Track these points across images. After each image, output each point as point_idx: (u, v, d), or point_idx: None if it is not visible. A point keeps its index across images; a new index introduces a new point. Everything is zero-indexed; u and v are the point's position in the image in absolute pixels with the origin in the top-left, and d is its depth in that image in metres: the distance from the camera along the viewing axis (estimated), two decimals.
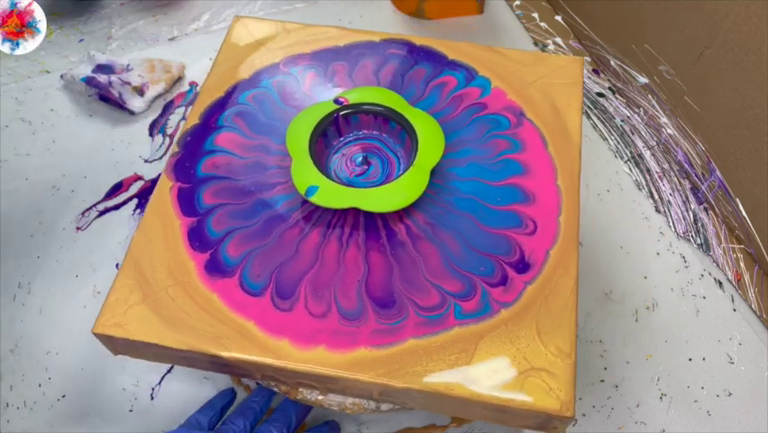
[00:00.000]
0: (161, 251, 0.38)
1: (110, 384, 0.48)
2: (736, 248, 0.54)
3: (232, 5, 0.73)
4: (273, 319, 0.36)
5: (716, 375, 0.48)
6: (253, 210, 0.40)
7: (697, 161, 0.57)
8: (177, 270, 0.37)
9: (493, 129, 0.43)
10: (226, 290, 0.37)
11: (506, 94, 0.45)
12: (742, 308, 0.51)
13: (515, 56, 0.47)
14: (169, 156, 0.43)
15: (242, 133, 0.44)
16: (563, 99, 0.44)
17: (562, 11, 0.70)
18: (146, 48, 0.69)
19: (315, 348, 0.35)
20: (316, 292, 0.36)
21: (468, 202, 0.40)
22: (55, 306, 0.51)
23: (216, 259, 0.38)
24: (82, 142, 0.61)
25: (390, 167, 0.42)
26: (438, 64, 0.47)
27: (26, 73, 0.67)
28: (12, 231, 0.55)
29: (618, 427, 0.46)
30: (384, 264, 0.37)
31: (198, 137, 0.43)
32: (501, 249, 0.38)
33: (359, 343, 0.35)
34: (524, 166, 0.41)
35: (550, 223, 0.39)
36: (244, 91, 0.46)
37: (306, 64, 0.47)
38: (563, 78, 0.46)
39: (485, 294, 0.36)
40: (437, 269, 0.37)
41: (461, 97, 0.45)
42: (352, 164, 0.42)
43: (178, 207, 0.40)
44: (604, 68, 0.65)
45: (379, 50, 0.48)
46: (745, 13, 0.47)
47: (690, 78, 0.55)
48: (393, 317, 0.36)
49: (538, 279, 0.37)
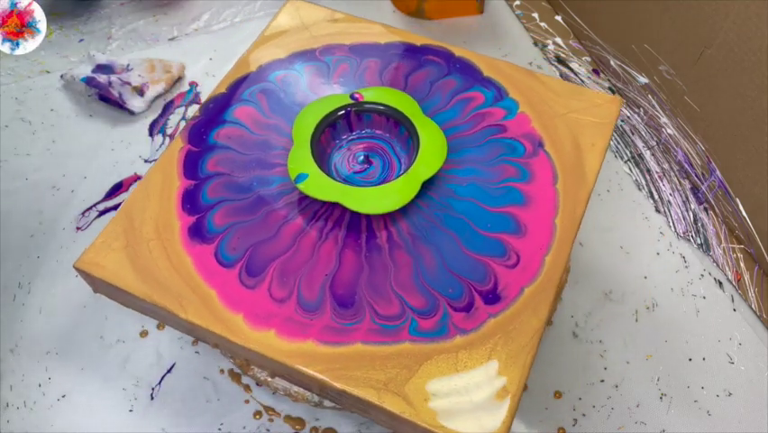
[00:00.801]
0: (154, 206, 0.40)
1: (110, 384, 0.48)
2: (736, 248, 0.54)
3: (232, 5, 0.73)
4: (235, 293, 0.37)
5: (716, 375, 0.48)
6: (249, 186, 0.41)
7: (697, 161, 0.57)
8: (163, 227, 0.39)
9: (506, 154, 0.42)
10: (201, 256, 0.38)
11: (530, 120, 0.44)
12: (742, 308, 0.51)
13: (552, 84, 0.46)
14: (189, 119, 0.44)
15: (261, 109, 0.45)
16: (589, 138, 0.43)
17: (562, 11, 0.70)
18: (146, 48, 0.69)
19: (266, 331, 0.36)
20: (282, 277, 0.37)
21: (457, 221, 0.39)
22: (55, 306, 0.51)
23: (201, 225, 0.39)
24: (82, 142, 0.61)
25: (390, 170, 0.42)
26: (470, 78, 0.46)
27: (26, 73, 0.67)
28: (12, 231, 0.55)
29: (618, 427, 0.46)
30: (355, 264, 0.38)
31: (220, 106, 0.45)
32: (476, 275, 0.37)
33: (309, 335, 0.35)
34: (525, 197, 0.40)
35: (535, 260, 0.38)
36: (276, 71, 0.47)
37: (341, 55, 0.47)
38: (595, 117, 0.44)
39: (446, 316, 0.36)
40: (405, 281, 0.37)
41: (483, 116, 0.44)
42: (353, 161, 0.42)
43: (182, 168, 0.42)
44: (604, 68, 0.65)
45: (416, 54, 0.47)
46: (745, 13, 0.47)
47: (690, 78, 0.55)
48: (349, 317, 0.36)
49: (504, 313, 0.36)
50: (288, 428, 0.46)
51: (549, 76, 0.46)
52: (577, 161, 0.42)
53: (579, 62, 0.67)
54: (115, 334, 0.50)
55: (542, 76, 0.46)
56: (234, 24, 0.71)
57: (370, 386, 0.33)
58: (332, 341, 0.35)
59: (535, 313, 0.36)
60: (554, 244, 0.38)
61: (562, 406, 0.47)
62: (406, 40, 0.48)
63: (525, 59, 0.67)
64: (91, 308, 0.51)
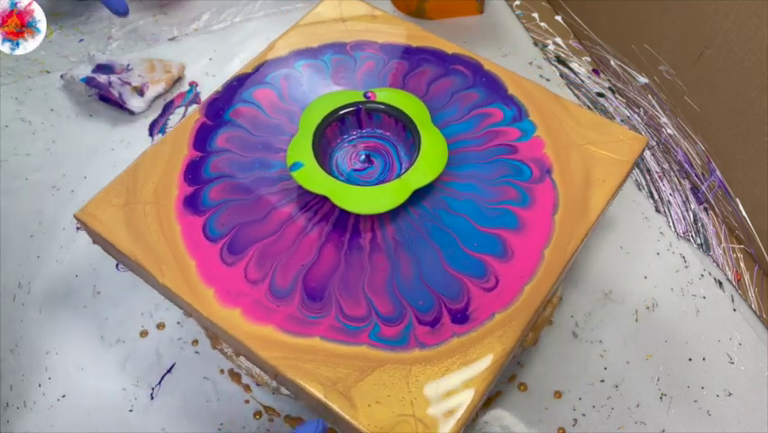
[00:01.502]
0: (159, 171, 0.42)
1: (110, 384, 0.48)
2: (736, 248, 0.54)
3: (232, 5, 0.73)
4: (213, 268, 0.38)
5: (716, 375, 0.48)
6: (251, 166, 0.42)
7: (697, 161, 0.57)
8: (162, 192, 0.41)
9: (510, 175, 0.41)
10: (190, 227, 0.39)
11: (544, 146, 0.43)
12: (742, 308, 0.51)
13: (576, 112, 0.44)
14: (212, 92, 0.46)
15: (279, 94, 0.45)
16: (601, 173, 0.41)
17: (562, 11, 0.70)
18: (146, 48, 0.69)
19: (233, 309, 0.36)
20: (261, 260, 0.38)
21: (444, 235, 0.39)
22: (55, 306, 0.51)
23: (197, 196, 0.41)
24: (82, 142, 0.61)
25: (390, 173, 0.42)
26: (493, 94, 0.45)
27: (26, 73, 0.67)
28: (12, 231, 0.55)
29: (618, 427, 0.46)
30: (333, 260, 0.38)
31: (242, 85, 0.46)
32: (450, 292, 0.37)
33: (272, 321, 0.36)
34: (520, 222, 0.39)
35: (513, 287, 0.37)
36: (303, 59, 0.47)
37: (370, 53, 0.47)
38: (614, 152, 0.42)
39: (409, 327, 0.35)
40: (378, 285, 0.37)
41: (496, 133, 0.43)
42: (356, 158, 0.42)
43: (193, 139, 0.43)
44: (604, 68, 0.65)
45: (445, 62, 0.47)
46: (745, 13, 0.47)
47: (690, 78, 0.55)
48: (315, 310, 0.36)
49: (469, 335, 0.35)
50: (288, 428, 0.46)
51: (577, 105, 0.45)
52: (583, 195, 0.40)
53: (579, 62, 0.67)
54: (115, 334, 0.50)
55: (568, 102, 0.45)
56: (234, 24, 0.71)
57: (318, 382, 0.34)
58: (292, 330, 0.36)
59: (501, 340, 0.35)
60: (538, 275, 0.37)
61: (562, 406, 0.47)
62: (438, 46, 0.48)
63: (525, 59, 0.67)
64: (91, 309, 0.51)
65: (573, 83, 0.65)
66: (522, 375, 0.48)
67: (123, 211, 0.40)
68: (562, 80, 0.66)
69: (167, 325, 0.50)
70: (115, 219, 0.40)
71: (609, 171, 0.41)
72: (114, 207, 0.40)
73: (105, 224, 0.40)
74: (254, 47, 0.68)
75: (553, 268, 0.37)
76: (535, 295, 0.37)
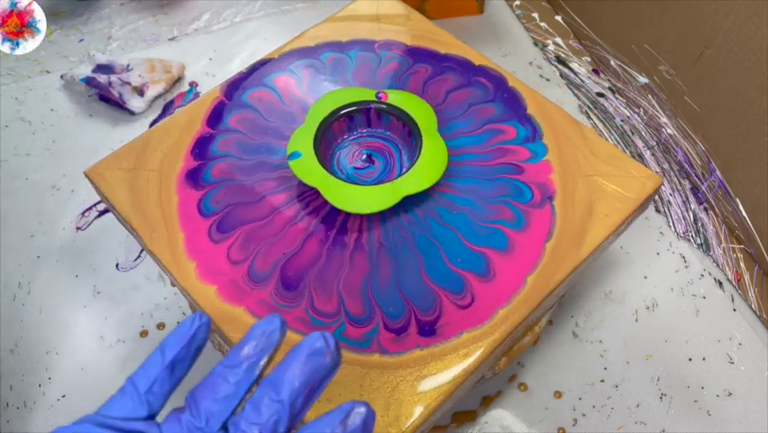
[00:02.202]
0: (169, 142, 0.43)
1: (110, 384, 0.47)
2: (736, 248, 0.54)
3: (232, 5, 0.73)
4: (199, 243, 0.38)
5: (716, 375, 0.48)
6: (256, 149, 0.43)
7: (697, 161, 0.57)
8: (168, 163, 0.42)
9: (510, 196, 0.40)
10: (187, 200, 0.40)
11: (551, 171, 0.41)
12: (742, 308, 0.51)
13: (594, 141, 0.43)
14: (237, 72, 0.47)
15: (299, 83, 0.46)
16: (605, 208, 0.39)
17: (562, 11, 0.70)
18: (146, 48, 0.69)
19: (210, 285, 0.37)
20: (246, 242, 0.39)
21: (429, 245, 0.38)
22: (55, 306, 0.51)
23: (200, 171, 0.42)
24: (82, 142, 0.61)
25: (388, 175, 0.42)
26: (511, 111, 0.44)
27: (26, 73, 0.67)
28: (12, 231, 0.55)
29: (618, 427, 0.46)
30: (315, 253, 0.38)
31: (264, 70, 0.47)
32: (423, 303, 0.36)
33: (243, 303, 0.36)
34: (509, 244, 0.38)
35: (488, 308, 0.36)
36: (330, 51, 0.47)
37: (397, 53, 0.47)
38: (623, 188, 0.40)
39: (375, 331, 0.35)
40: (353, 284, 0.37)
41: (505, 151, 0.42)
42: (358, 156, 0.42)
43: (208, 116, 0.44)
44: (604, 68, 0.65)
45: (468, 73, 0.46)
46: (745, 13, 0.47)
47: (690, 78, 0.55)
48: (287, 300, 0.36)
49: (432, 349, 0.35)
50: None
51: (598, 135, 0.43)
52: (581, 228, 0.39)
53: (579, 62, 0.67)
54: (115, 334, 0.50)
55: (588, 130, 0.43)
56: (234, 24, 0.71)
57: None
58: (261, 315, 0.36)
59: (463, 360, 0.34)
60: (515, 300, 0.36)
61: (562, 406, 0.47)
62: (466, 56, 0.47)
63: (525, 59, 0.67)
64: (91, 308, 0.51)
65: (573, 83, 0.65)
66: (522, 375, 0.48)
67: (128, 175, 0.42)
68: (562, 80, 0.66)
69: (167, 325, 0.50)
70: (120, 181, 0.41)
71: (614, 207, 0.40)
72: (121, 169, 0.42)
73: (110, 184, 0.41)
74: (254, 47, 0.68)
75: (532, 296, 0.36)
76: (508, 320, 0.35)
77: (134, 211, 0.40)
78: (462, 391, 0.36)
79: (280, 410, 0.23)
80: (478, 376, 0.37)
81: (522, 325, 0.36)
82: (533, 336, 0.45)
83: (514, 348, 0.44)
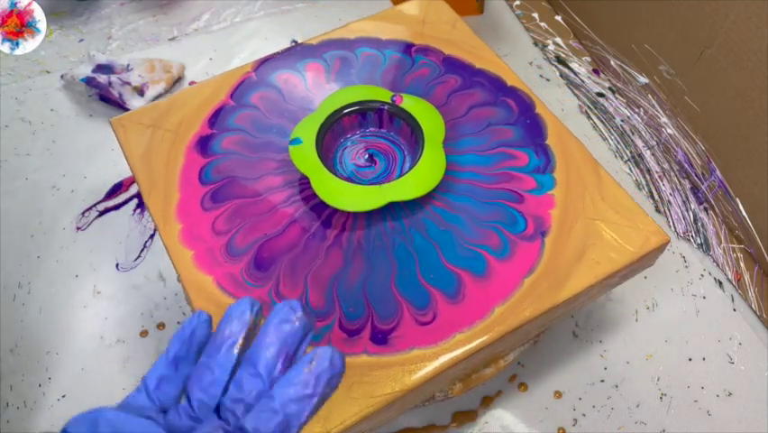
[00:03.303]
0: (192, 107, 0.45)
1: (110, 384, 0.48)
2: (736, 248, 0.54)
3: (232, 5, 0.73)
4: (190, 208, 0.40)
5: (716, 375, 0.48)
6: (269, 129, 0.44)
7: (697, 161, 0.57)
8: (185, 126, 0.44)
9: (502, 223, 0.39)
10: (191, 164, 0.42)
11: (552, 206, 0.40)
12: (742, 308, 0.51)
13: (608, 185, 0.40)
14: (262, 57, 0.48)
15: (328, 72, 0.47)
16: (597, 255, 0.37)
17: (562, 11, 0.70)
18: (146, 48, 0.69)
19: (189, 250, 0.38)
20: (233, 216, 0.40)
21: (407, 255, 0.38)
22: (55, 306, 0.51)
23: (211, 140, 0.43)
24: (82, 142, 0.61)
25: (386, 178, 0.42)
26: (529, 139, 0.43)
27: (26, 73, 0.67)
28: (12, 231, 0.55)
29: (618, 427, 0.46)
30: (294, 240, 0.39)
31: (300, 54, 0.48)
32: (384, 311, 0.36)
33: (213, 273, 0.37)
34: (487, 271, 0.37)
35: (446, 330, 0.35)
36: (366, 47, 0.48)
37: (432, 60, 0.47)
38: (623, 239, 0.38)
39: (329, 328, 0.35)
40: (322, 278, 0.37)
41: (511, 177, 0.41)
42: (362, 155, 0.42)
43: (234, 89, 0.46)
44: (604, 68, 0.65)
45: (497, 92, 0.45)
46: (745, 13, 0.47)
47: (690, 78, 0.55)
48: (254, 279, 0.37)
49: (379, 357, 0.34)
50: None
51: (616, 182, 0.41)
52: (566, 271, 0.37)
53: (579, 62, 0.67)
54: (115, 334, 0.50)
55: (606, 174, 0.41)
56: (234, 24, 0.71)
57: None
58: (226, 289, 0.37)
59: (405, 375, 0.34)
60: (475, 328, 0.35)
61: (562, 406, 0.47)
62: (499, 74, 0.46)
63: (525, 59, 0.67)
64: (91, 308, 0.51)
65: (573, 83, 0.65)
66: (522, 375, 0.48)
67: (146, 130, 0.44)
68: (562, 80, 0.66)
69: (167, 325, 0.50)
70: (137, 135, 0.43)
71: (607, 256, 0.37)
72: (141, 124, 0.44)
73: (128, 136, 0.43)
74: (254, 47, 0.68)
75: (495, 327, 0.35)
76: (464, 346, 0.35)
77: (142, 165, 0.42)
78: (404, 406, 0.35)
79: (259, 382, 0.24)
80: (424, 395, 0.36)
81: (479, 355, 0.35)
82: (496, 370, 0.43)
83: (473, 377, 0.43)
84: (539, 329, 0.39)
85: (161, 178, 0.41)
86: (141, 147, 0.43)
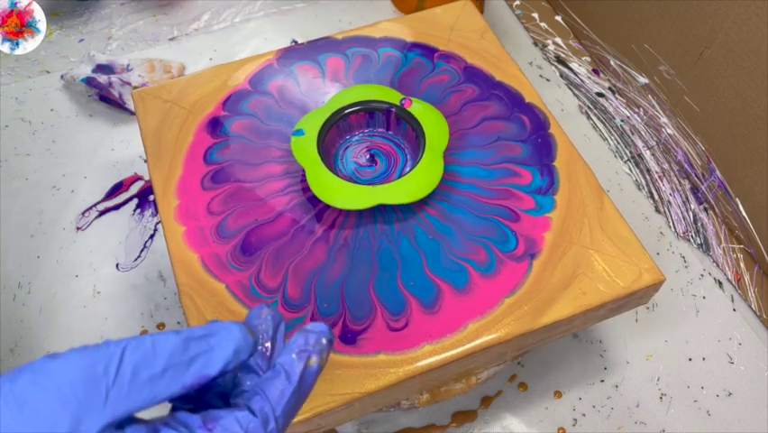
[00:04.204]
0: (210, 87, 0.46)
1: None
2: (736, 248, 0.54)
3: (232, 5, 0.73)
4: (190, 185, 0.41)
5: (716, 375, 0.48)
6: (280, 117, 0.45)
7: (697, 161, 0.57)
8: (200, 106, 0.45)
9: (492, 239, 0.38)
10: (198, 143, 0.43)
11: (547, 229, 0.39)
12: (742, 308, 0.51)
13: (609, 217, 0.39)
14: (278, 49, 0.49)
15: (347, 69, 0.47)
16: (585, 286, 0.36)
17: (562, 11, 0.70)
18: (146, 48, 0.69)
19: (181, 226, 0.39)
20: (229, 198, 0.40)
21: (390, 260, 0.38)
22: (55, 306, 0.51)
23: (221, 123, 0.44)
24: (82, 142, 0.61)
25: (385, 180, 0.41)
26: (537, 157, 0.42)
27: (26, 73, 0.67)
28: (12, 231, 0.55)
29: (618, 427, 0.46)
30: (283, 229, 0.39)
31: (322, 47, 0.48)
32: (358, 312, 0.36)
33: (200, 251, 0.38)
34: (468, 285, 0.37)
35: (415, 339, 0.35)
36: (391, 48, 0.48)
37: (452, 67, 0.47)
38: (615, 272, 0.37)
39: (301, 320, 0.36)
40: (303, 271, 0.37)
41: (511, 194, 0.40)
42: (363, 154, 0.42)
43: (252, 75, 0.47)
44: (604, 68, 0.65)
45: (514, 107, 0.44)
46: (744, 13, 0.47)
47: (690, 78, 0.55)
48: (238, 262, 0.38)
49: (344, 357, 0.34)
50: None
51: (619, 214, 0.40)
52: (549, 297, 0.36)
53: (579, 62, 0.67)
54: (115, 334, 0.50)
55: (610, 205, 0.40)
56: (234, 24, 0.71)
57: (198, 322, 0.35)
58: (210, 268, 0.37)
59: (365, 378, 0.34)
60: (447, 341, 0.35)
61: (562, 406, 0.47)
62: (519, 88, 0.45)
63: (525, 60, 0.67)
64: (91, 308, 0.51)
65: (573, 83, 0.65)
66: (522, 375, 0.48)
67: (164, 105, 0.45)
68: (562, 80, 0.66)
69: (167, 325, 0.50)
70: (154, 108, 0.45)
71: (595, 287, 0.36)
72: (160, 99, 0.45)
73: (145, 108, 0.45)
74: (254, 47, 0.68)
75: (465, 344, 0.35)
76: (431, 358, 0.34)
77: (153, 138, 0.43)
78: (364, 408, 0.35)
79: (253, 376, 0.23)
80: (387, 400, 0.36)
81: (447, 368, 0.35)
82: (467, 387, 0.43)
83: (441, 390, 0.43)
84: (516, 352, 0.38)
85: (168, 152, 0.42)
86: (156, 121, 0.44)
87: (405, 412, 0.45)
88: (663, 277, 0.37)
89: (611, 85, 0.65)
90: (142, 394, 0.21)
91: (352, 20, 0.71)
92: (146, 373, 0.21)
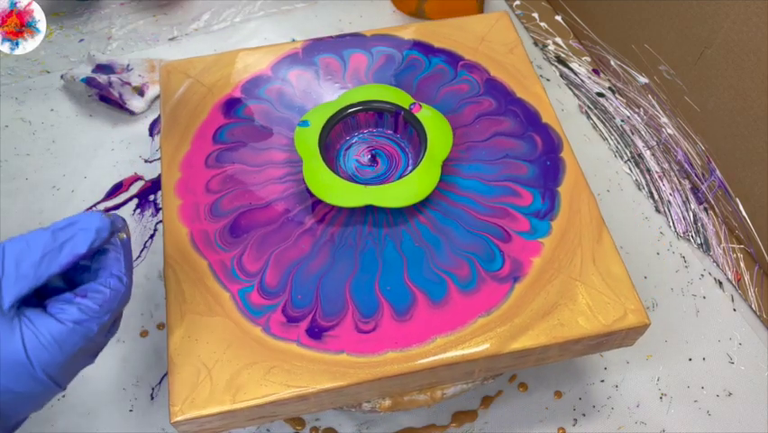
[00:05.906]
0: (232, 69, 0.47)
1: (110, 384, 0.48)
2: (736, 248, 0.54)
3: (232, 5, 0.73)
4: (195, 161, 0.42)
5: (716, 375, 0.48)
6: (292, 106, 0.45)
7: (697, 161, 0.57)
8: (219, 86, 0.46)
9: (478, 256, 0.38)
10: (211, 122, 0.44)
11: (537, 254, 0.38)
12: (742, 308, 0.51)
13: (605, 252, 0.38)
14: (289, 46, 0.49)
15: (369, 67, 0.47)
16: (563, 318, 0.35)
17: (562, 11, 0.70)
18: (146, 48, 0.69)
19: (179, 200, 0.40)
20: (228, 179, 0.41)
21: (372, 262, 0.38)
22: None
23: (236, 104, 0.45)
24: (82, 142, 0.61)
25: (384, 181, 0.41)
26: (542, 180, 0.41)
27: (26, 73, 0.67)
28: (12, 231, 0.55)
29: (618, 427, 0.46)
30: (273, 216, 0.40)
31: (348, 42, 0.48)
32: (330, 307, 0.36)
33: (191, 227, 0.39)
34: (445, 299, 0.36)
35: (379, 344, 0.35)
36: (417, 51, 0.48)
37: (474, 78, 0.47)
38: (597, 309, 0.36)
39: (272, 308, 0.36)
40: (284, 260, 0.38)
41: (506, 213, 0.40)
42: (365, 153, 0.42)
43: (276, 62, 0.47)
44: (604, 68, 0.65)
45: (530, 126, 0.43)
46: (744, 13, 0.47)
47: (690, 78, 0.55)
48: (224, 242, 0.38)
49: (307, 351, 0.35)
50: (288, 429, 0.46)
51: (616, 249, 0.38)
52: (524, 323, 0.35)
53: (579, 62, 0.67)
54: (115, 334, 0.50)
55: (608, 239, 0.39)
56: (234, 24, 0.71)
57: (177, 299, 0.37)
58: (197, 245, 0.38)
59: (323, 374, 0.34)
60: (411, 351, 0.35)
61: (562, 406, 0.47)
62: (537, 107, 0.44)
63: None
64: None
65: (573, 83, 0.65)
66: (522, 375, 0.48)
67: (187, 81, 0.46)
68: (562, 80, 0.66)
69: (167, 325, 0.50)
70: (178, 83, 0.46)
71: (574, 321, 0.35)
72: (185, 74, 0.47)
73: (170, 83, 0.46)
74: None
75: (428, 356, 0.34)
76: (391, 366, 0.34)
77: (171, 112, 0.44)
78: (320, 404, 0.35)
79: None
80: (346, 400, 0.36)
81: (409, 377, 0.35)
82: (431, 400, 0.42)
83: (405, 399, 0.42)
84: (485, 372, 0.37)
85: (180, 127, 0.43)
86: (176, 96, 0.45)
87: (405, 412, 0.45)
88: (648, 321, 0.36)
89: (611, 85, 0.65)
90: (28, 278, 0.29)
91: (352, 20, 0.70)
92: (26, 261, 0.29)
